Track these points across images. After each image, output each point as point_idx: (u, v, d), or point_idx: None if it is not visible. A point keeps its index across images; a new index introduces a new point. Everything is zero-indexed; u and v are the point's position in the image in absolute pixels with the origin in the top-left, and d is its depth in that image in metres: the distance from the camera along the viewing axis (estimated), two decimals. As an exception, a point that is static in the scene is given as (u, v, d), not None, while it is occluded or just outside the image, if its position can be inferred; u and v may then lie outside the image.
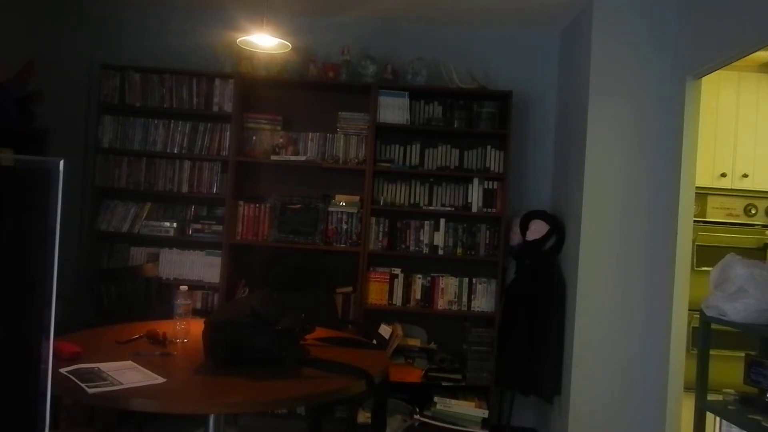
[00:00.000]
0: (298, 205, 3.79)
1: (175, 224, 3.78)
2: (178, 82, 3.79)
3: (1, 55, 3.57)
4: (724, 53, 2.81)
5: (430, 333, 3.88)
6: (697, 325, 2.76)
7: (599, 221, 3.33)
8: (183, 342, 2.31)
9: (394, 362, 3.60)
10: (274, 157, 3.81)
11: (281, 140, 3.86)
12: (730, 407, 2.53)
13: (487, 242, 3.76)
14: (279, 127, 3.89)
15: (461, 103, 3.80)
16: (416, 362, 3.67)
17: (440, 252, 3.77)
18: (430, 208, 3.79)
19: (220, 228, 3.77)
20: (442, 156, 3.81)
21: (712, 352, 2.68)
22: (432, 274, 3.79)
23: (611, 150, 3.33)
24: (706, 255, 4.17)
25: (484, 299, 3.76)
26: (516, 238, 3.70)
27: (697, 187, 3.23)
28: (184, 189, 3.81)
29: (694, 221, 3.39)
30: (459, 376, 3.61)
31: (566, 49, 3.90)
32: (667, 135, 3.28)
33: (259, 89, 3.94)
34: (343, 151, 3.83)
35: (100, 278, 3.23)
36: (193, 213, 3.87)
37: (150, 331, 2.33)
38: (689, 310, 3.13)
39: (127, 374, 1.87)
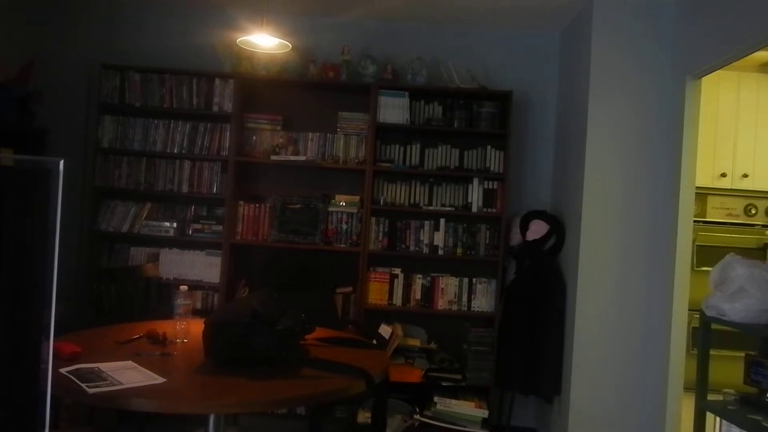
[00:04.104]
0: (298, 205, 3.79)
1: (175, 224, 3.77)
2: (178, 82, 3.79)
3: (1, 55, 3.57)
4: (724, 53, 2.81)
5: (430, 333, 3.88)
6: (697, 325, 2.75)
7: (599, 221, 3.33)
8: (183, 342, 2.31)
9: (394, 362, 3.60)
10: (274, 157, 3.81)
11: (281, 140, 3.86)
12: (730, 407, 2.53)
13: (487, 242, 3.76)
14: (279, 127, 3.89)
15: (461, 103, 3.80)
16: (416, 362, 3.67)
17: (440, 252, 3.77)
18: (430, 208, 3.79)
19: (220, 228, 3.77)
20: (442, 156, 3.81)
21: (712, 352, 2.68)
22: (432, 274, 3.79)
23: (611, 150, 3.33)
24: (706, 255, 4.18)
25: (484, 299, 3.76)
26: (516, 238, 3.70)
27: (697, 187, 3.23)
28: (184, 189, 3.81)
29: (694, 221, 3.39)
30: (459, 376, 3.61)
31: (566, 49, 3.90)
32: (667, 135, 3.28)
33: (259, 89, 3.94)
34: (343, 151, 3.83)
35: (100, 278, 3.23)
36: (193, 213, 3.87)
37: (150, 331, 2.33)
38: (689, 310, 3.13)
39: (127, 374, 1.87)
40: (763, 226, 4.38)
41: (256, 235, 3.81)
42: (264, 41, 2.93)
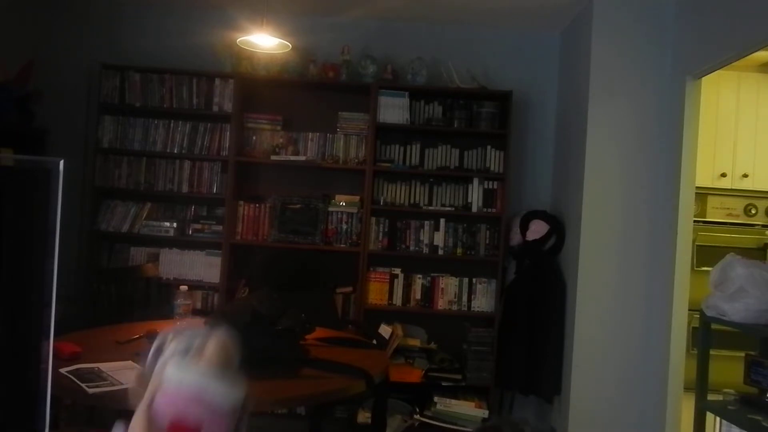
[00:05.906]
0: (298, 205, 3.79)
1: (175, 224, 3.77)
2: (178, 82, 3.79)
3: (1, 55, 3.56)
4: (724, 53, 2.81)
5: (430, 333, 3.88)
6: (697, 325, 2.76)
7: (599, 221, 3.33)
8: (183, 342, 2.31)
9: (394, 362, 3.59)
10: (274, 157, 3.81)
11: (281, 140, 3.86)
12: (730, 407, 2.53)
13: (487, 242, 3.76)
14: (279, 127, 3.89)
15: (461, 103, 3.80)
16: (416, 362, 3.67)
17: (440, 252, 3.77)
18: (430, 208, 3.79)
19: (220, 228, 3.77)
20: (442, 156, 3.81)
21: (712, 352, 2.68)
22: (432, 274, 3.79)
23: (611, 150, 3.33)
24: (706, 255, 4.17)
25: (484, 299, 3.76)
26: (516, 238, 3.70)
27: (697, 187, 3.23)
28: (184, 189, 3.81)
29: (694, 221, 3.39)
30: (459, 376, 3.61)
31: (566, 49, 3.90)
32: (667, 135, 3.28)
33: (259, 89, 3.93)
34: (343, 151, 3.82)
35: (100, 278, 3.23)
36: (193, 213, 3.87)
37: (150, 331, 2.33)
38: (689, 310, 3.13)
39: (127, 374, 1.87)
40: (763, 226, 4.38)
41: (256, 235, 3.80)
42: (264, 41, 2.93)
